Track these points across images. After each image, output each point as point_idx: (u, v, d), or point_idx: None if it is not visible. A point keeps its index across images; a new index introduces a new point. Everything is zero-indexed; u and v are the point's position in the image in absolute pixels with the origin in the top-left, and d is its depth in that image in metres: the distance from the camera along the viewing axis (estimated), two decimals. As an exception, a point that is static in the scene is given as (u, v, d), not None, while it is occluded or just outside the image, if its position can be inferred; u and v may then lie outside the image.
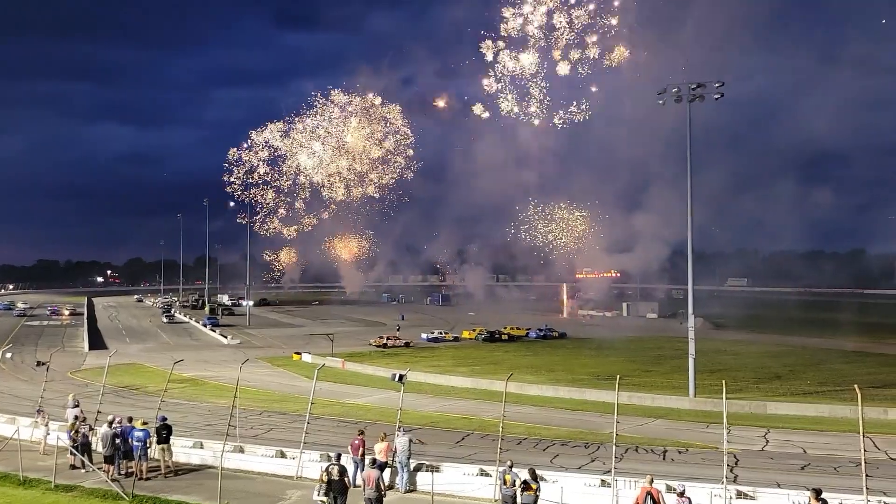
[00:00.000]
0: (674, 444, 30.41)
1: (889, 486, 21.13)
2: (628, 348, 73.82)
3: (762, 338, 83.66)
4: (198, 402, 41.80)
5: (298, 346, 75.24)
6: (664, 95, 49.53)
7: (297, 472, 21.71)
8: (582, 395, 45.45)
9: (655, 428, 35.30)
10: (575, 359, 66.85)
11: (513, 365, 60.10)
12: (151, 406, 29.82)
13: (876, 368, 58.68)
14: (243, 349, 75.97)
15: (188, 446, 24.26)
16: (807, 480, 21.61)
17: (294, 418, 34.50)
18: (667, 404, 42.68)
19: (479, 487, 19.66)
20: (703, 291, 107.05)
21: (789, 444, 31.20)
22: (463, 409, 40.73)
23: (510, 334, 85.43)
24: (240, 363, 27.75)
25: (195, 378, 52.61)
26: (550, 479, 18.97)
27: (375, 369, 57.34)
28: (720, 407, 20.68)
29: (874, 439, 29.85)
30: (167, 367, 35.20)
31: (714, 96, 48.07)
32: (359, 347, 74.32)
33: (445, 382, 51.55)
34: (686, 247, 49.84)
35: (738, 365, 61.07)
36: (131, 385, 48.48)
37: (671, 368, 55.73)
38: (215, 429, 30.02)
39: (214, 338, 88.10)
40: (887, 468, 25.39)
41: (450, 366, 60.85)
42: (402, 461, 20.13)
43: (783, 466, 25.92)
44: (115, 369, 52.07)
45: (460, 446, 29.16)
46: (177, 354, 63.96)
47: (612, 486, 18.42)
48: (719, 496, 17.67)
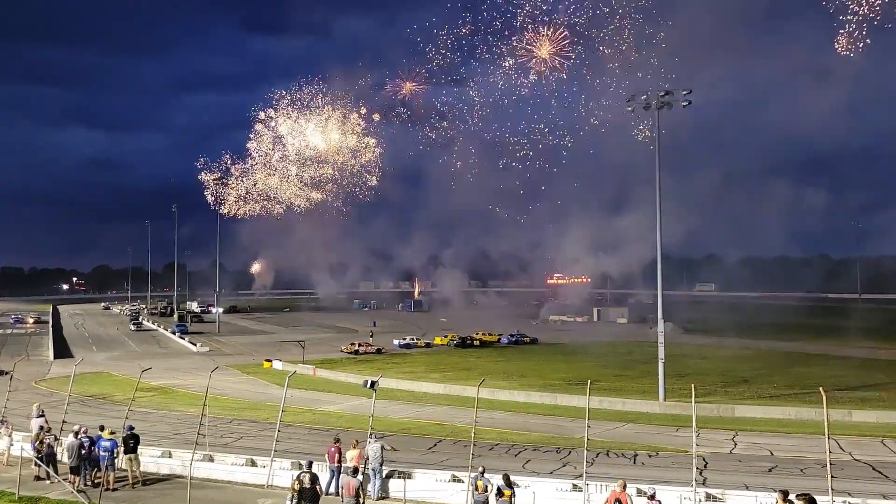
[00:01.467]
0: (644, 448, 30.66)
1: (854, 486, 21.55)
2: (599, 353, 74.34)
3: (730, 342, 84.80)
4: (166, 410, 41.22)
5: (269, 353, 74.65)
6: (633, 103, 50.14)
7: (268, 481, 21.52)
8: (554, 400, 45.69)
9: (626, 432, 35.58)
10: (546, 364, 67.16)
11: (485, 371, 60.21)
12: (119, 415, 29.30)
13: (841, 371, 59.83)
14: (213, 357, 75.10)
15: (157, 455, 23.91)
16: (774, 482, 21.96)
17: (265, 426, 34.18)
18: (637, 408, 43.13)
19: (451, 494, 19.65)
20: (672, 297, 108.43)
21: (757, 447, 31.62)
22: (435, 415, 40.68)
23: (482, 340, 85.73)
24: (209, 371, 27.49)
25: (164, 386, 51.86)
26: (523, 484, 19.03)
27: (347, 376, 57.05)
28: (689, 411, 20.94)
29: (839, 441, 30.43)
30: (135, 375, 34.78)
31: (682, 104, 48.74)
32: (330, 354, 73.98)
33: (418, 389, 51.52)
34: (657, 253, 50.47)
35: (707, 369, 61.86)
36: (98, 394, 47.64)
37: (641, 373, 56.27)
38: (184, 438, 29.67)
39: (183, 345, 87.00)
40: (852, 469, 25.87)
41: (422, 372, 60.81)
42: (373, 468, 20.06)
43: (751, 469, 26.27)
44: (82, 378, 51.14)
45: (432, 452, 29.12)
46: (145, 363, 63.13)
47: (583, 490, 18.53)
48: (689, 499, 17.87)
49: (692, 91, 48.53)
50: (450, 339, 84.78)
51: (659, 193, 49.07)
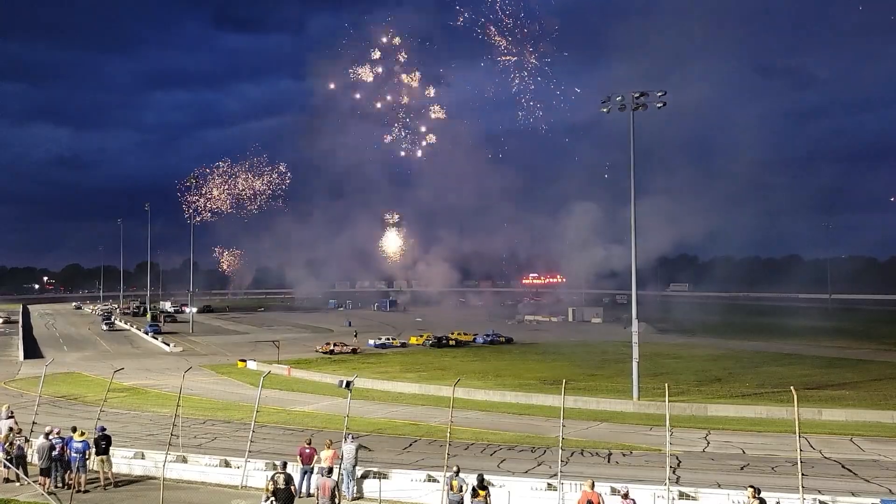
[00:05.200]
0: (618, 447, 30.88)
1: (823, 484, 21.90)
2: (574, 353, 74.69)
3: (703, 341, 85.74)
4: (139, 411, 40.75)
5: (244, 353, 74.09)
6: (608, 104, 50.43)
7: (243, 482, 21.36)
8: (528, 400, 45.85)
9: (600, 431, 35.82)
10: (521, 364, 67.39)
11: (460, 370, 60.28)
12: (90, 416, 28.97)
13: (811, 370, 60.73)
14: (186, 357, 74.35)
15: (129, 457, 23.65)
16: (746, 480, 22.21)
17: (239, 427, 33.90)
18: (611, 408, 43.43)
19: (426, 493, 19.65)
20: (647, 296, 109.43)
21: (729, 445, 31.97)
22: (410, 414, 40.63)
23: (458, 340, 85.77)
24: (183, 371, 27.19)
25: (136, 387, 51.28)
26: (497, 483, 19.09)
27: (322, 376, 56.80)
28: (663, 410, 21.13)
29: (809, 439, 30.94)
30: (107, 375, 34.29)
31: (657, 105, 49.09)
32: (305, 354, 73.61)
33: (393, 388, 51.43)
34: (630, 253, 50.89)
35: (681, 368, 62.50)
36: (69, 395, 46.96)
37: (616, 372, 56.65)
38: (157, 439, 29.35)
39: (156, 345, 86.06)
40: (822, 467, 26.27)
41: (397, 372, 60.72)
42: (347, 468, 19.99)
43: (723, 467, 26.57)
44: (52, 378, 50.30)
45: (408, 452, 29.10)
46: (117, 363, 62.38)
47: (558, 489, 18.63)
48: (662, 497, 18.03)
49: (667, 93, 48.94)
50: (425, 338, 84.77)
51: (633, 195, 49.46)
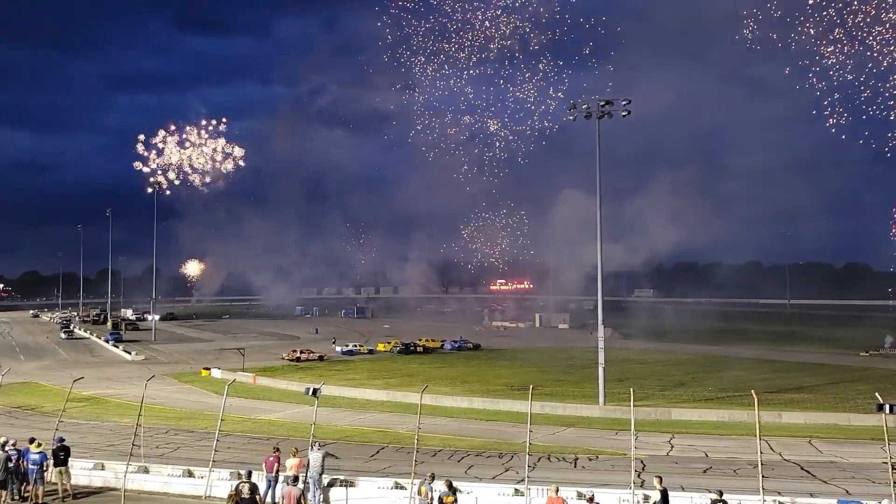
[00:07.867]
0: (584, 452, 31.13)
1: (783, 485, 22.32)
2: (541, 358, 75.15)
3: (667, 347, 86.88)
4: (99, 421, 39.95)
5: (208, 361, 73.02)
6: (574, 111, 50.93)
7: (206, 492, 21.06)
8: (496, 406, 45.95)
9: (567, 436, 36.06)
10: (489, 370, 67.56)
11: (428, 377, 60.22)
12: (48, 427, 28.25)
13: (771, 374, 61.90)
14: (148, 365, 73.09)
15: (88, 468, 23.13)
16: (709, 483, 22.61)
17: (203, 436, 33.43)
18: (578, 413, 43.75)
19: (393, 501, 19.59)
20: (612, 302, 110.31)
21: (692, 449, 32.41)
22: (378, 422, 40.50)
23: (425, 346, 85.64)
24: (145, 380, 26.76)
25: (96, 396, 50.29)
26: (465, 489, 19.11)
27: (288, 384, 56.28)
28: (628, 414, 21.35)
29: (770, 442, 31.47)
30: (65, 385, 33.60)
31: (622, 113, 49.66)
32: (271, 362, 72.89)
33: (360, 396, 51.16)
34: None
35: (645, 373, 63.22)
36: (26, 405, 45.87)
37: (582, 378, 57.09)
38: (118, 449, 28.83)
39: (117, 354, 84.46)
40: (781, 469, 26.80)
41: (365, 379, 60.43)
42: (313, 476, 19.82)
43: (687, 470, 26.93)
44: (8, 389, 48.94)
45: (375, 460, 28.97)
46: (76, 372, 60.83)
47: (525, 494, 18.71)
48: (627, 501, 18.24)
49: (631, 101, 49.58)
50: (393, 345, 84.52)
51: (599, 201, 50.00)
